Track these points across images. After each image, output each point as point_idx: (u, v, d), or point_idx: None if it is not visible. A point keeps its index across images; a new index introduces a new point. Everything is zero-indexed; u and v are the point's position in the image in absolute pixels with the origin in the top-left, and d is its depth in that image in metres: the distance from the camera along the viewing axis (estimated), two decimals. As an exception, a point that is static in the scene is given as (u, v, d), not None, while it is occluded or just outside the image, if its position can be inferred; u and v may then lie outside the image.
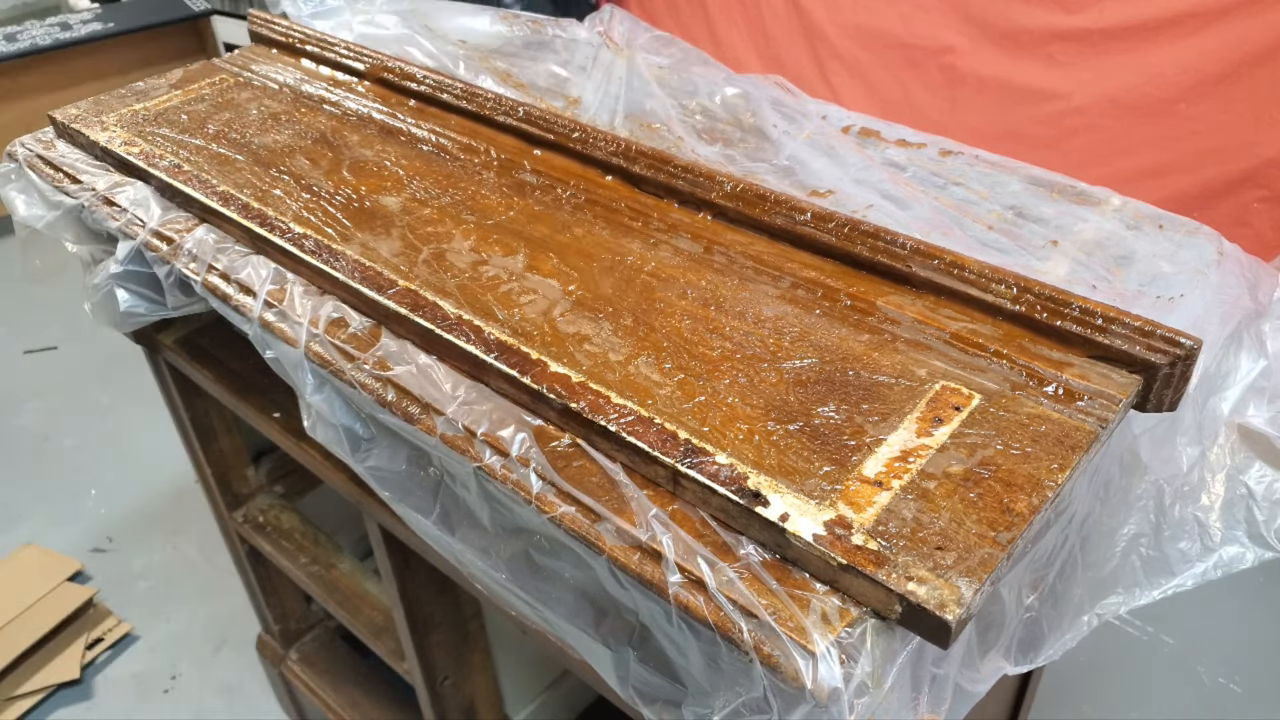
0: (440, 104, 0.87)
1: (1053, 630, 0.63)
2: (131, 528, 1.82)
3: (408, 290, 0.63)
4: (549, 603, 0.59)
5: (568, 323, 0.60)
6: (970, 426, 0.50)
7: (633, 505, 0.49)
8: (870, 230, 0.64)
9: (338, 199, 0.74)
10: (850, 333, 0.58)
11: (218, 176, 0.77)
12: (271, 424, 0.92)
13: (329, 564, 1.12)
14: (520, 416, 0.55)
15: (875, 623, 0.43)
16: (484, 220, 0.71)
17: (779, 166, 0.78)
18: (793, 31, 2.34)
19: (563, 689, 1.13)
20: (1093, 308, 0.55)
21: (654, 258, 0.66)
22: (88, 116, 0.87)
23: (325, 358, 0.62)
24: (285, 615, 1.31)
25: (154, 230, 0.74)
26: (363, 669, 1.30)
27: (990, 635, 0.57)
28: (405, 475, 0.64)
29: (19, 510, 1.86)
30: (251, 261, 0.70)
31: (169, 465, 1.91)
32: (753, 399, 0.53)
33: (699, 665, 0.49)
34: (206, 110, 0.88)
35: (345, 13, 1.02)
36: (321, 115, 0.87)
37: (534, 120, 0.80)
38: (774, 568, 0.45)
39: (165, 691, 1.55)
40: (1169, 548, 0.64)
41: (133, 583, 1.72)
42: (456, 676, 0.99)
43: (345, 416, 0.64)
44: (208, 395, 1.05)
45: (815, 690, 0.41)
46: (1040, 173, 0.75)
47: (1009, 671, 0.59)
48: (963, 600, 0.41)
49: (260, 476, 1.19)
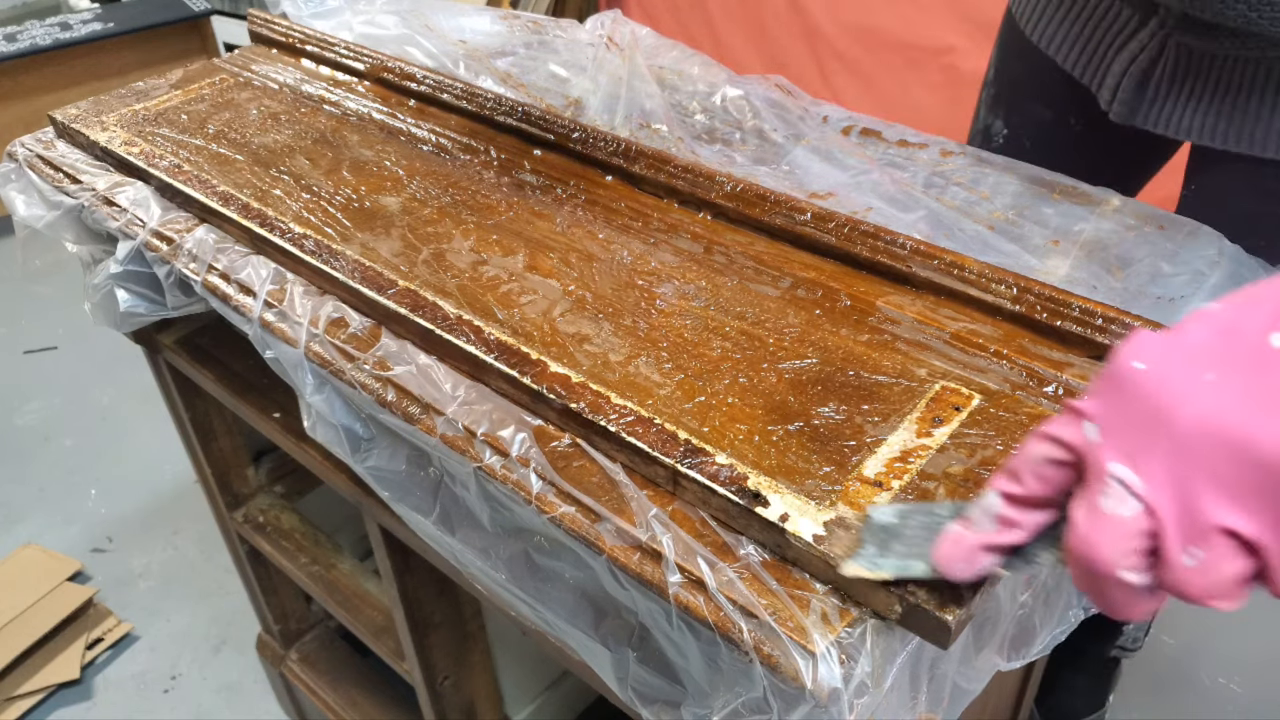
0: (440, 104, 0.87)
1: (1044, 625, 0.63)
2: (131, 528, 1.82)
3: (408, 290, 0.63)
4: (548, 603, 0.59)
5: (568, 323, 0.60)
6: (970, 427, 0.51)
7: (633, 505, 0.49)
8: (870, 230, 0.64)
9: (338, 199, 0.74)
10: (850, 333, 0.58)
11: (218, 176, 0.77)
12: (271, 424, 0.92)
13: (329, 564, 1.12)
14: (520, 416, 0.55)
15: (875, 623, 0.43)
16: (484, 220, 0.71)
17: (779, 167, 0.78)
18: (793, 32, 2.34)
19: (563, 689, 1.13)
20: (1093, 308, 0.55)
21: (654, 258, 0.66)
22: (88, 116, 0.87)
23: (325, 358, 0.62)
24: (285, 615, 1.31)
25: (154, 230, 0.74)
26: (363, 669, 1.30)
27: (985, 633, 0.57)
28: (405, 475, 0.64)
29: (19, 510, 1.86)
30: (251, 261, 0.70)
31: (169, 465, 1.91)
32: (753, 399, 0.53)
33: (699, 665, 0.49)
34: (206, 110, 0.88)
35: (345, 13, 1.02)
36: (321, 115, 0.87)
37: (534, 120, 0.80)
38: (774, 568, 0.45)
39: (165, 691, 1.55)
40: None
41: (133, 582, 1.72)
42: (456, 676, 0.99)
43: (345, 416, 0.64)
44: (208, 395, 1.05)
45: (815, 690, 0.41)
46: (1041, 173, 0.75)
47: (1002, 668, 0.59)
48: (963, 600, 0.41)
49: (260, 476, 1.19)
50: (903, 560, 0.41)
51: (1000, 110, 0.96)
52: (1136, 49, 0.76)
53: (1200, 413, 0.32)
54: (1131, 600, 0.34)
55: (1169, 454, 0.32)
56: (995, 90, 0.97)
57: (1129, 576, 0.33)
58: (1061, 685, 1.31)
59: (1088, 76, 0.82)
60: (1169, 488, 0.32)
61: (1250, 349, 0.32)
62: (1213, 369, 0.32)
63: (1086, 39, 0.81)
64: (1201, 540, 0.32)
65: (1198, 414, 0.32)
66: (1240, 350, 0.32)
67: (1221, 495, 0.32)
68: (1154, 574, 0.34)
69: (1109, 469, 0.34)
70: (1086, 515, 0.34)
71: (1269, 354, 0.31)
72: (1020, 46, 0.90)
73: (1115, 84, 0.79)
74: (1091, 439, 0.34)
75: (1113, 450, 0.34)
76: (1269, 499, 0.31)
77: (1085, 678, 1.33)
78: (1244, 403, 0.31)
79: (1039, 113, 0.92)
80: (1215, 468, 0.31)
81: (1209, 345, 0.33)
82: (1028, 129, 0.94)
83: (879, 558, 0.42)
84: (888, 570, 0.41)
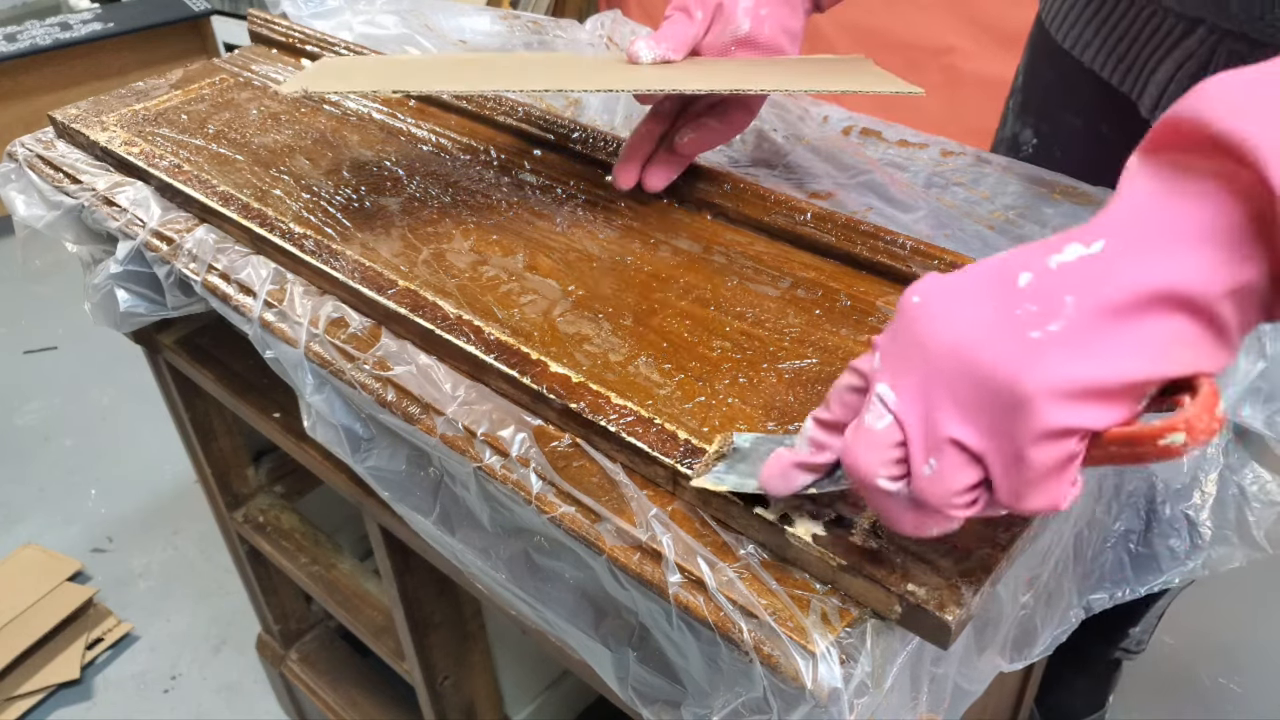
0: (440, 104, 0.87)
1: (1045, 626, 0.63)
2: (131, 528, 1.82)
3: (407, 290, 0.63)
4: (548, 603, 0.59)
5: (568, 323, 0.60)
6: (970, 427, 0.50)
7: (633, 505, 0.49)
8: (870, 230, 0.64)
9: (338, 199, 0.74)
10: (850, 333, 0.59)
11: (218, 176, 0.77)
12: (271, 424, 0.92)
13: (329, 564, 1.12)
14: (520, 416, 0.55)
15: (875, 623, 0.43)
16: (484, 220, 0.71)
17: (780, 167, 0.78)
18: (793, 31, 2.33)
19: (563, 689, 1.13)
20: (1092, 308, 0.55)
21: (654, 258, 0.66)
22: (88, 116, 0.87)
23: (325, 358, 0.62)
24: (285, 615, 1.31)
25: (154, 230, 0.74)
26: (363, 669, 1.30)
27: (987, 634, 0.57)
28: (405, 475, 0.64)
29: (19, 510, 1.86)
30: (251, 262, 0.70)
31: (169, 465, 1.91)
32: (753, 399, 0.53)
33: (699, 665, 0.49)
34: (206, 110, 0.88)
35: (345, 13, 1.03)
36: (321, 115, 0.87)
37: (534, 120, 0.80)
38: (774, 568, 0.45)
39: (165, 691, 1.55)
40: (1158, 545, 0.64)
41: (133, 582, 1.72)
42: (456, 676, 0.99)
43: (345, 417, 0.64)
44: (208, 395, 1.05)
45: (815, 690, 0.41)
46: (1041, 172, 0.75)
47: (1004, 669, 0.59)
48: (963, 601, 0.41)
49: (260, 476, 1.19)
50: (742, 478, 0.45)
51: (1029, 118, 0.92)
52: (1183, 56, 0.72)
53: (947, 339, 0.36)
54: (898, 510, 0.38)
55: (920, 375, 0.36)
56: (1024, 97, 0.93)
57: (886, 485, 0.37)
58: (1062, 685, 1.31)
59: (1128, 84, 0.78)
60: (916, 404, 0.36)
61: (1001, 286, 0.35)
62: (970, 303, 0.36)
63: (1127, 45, 0.77)
64: (936, 451, 0.36)
65: (945, 340, 0.36)
66: (995, 288, 0.36)
67: (954, 411, 0.35)
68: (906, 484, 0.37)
69: (875, 389, 0.38)
70: (853, 430, 0.39)
71: (1014, 291, 0.35)
72: (1051, 52, 0.87)
73: (1159, 92, 0.75)
74: (875, 366, 0.38)
75: (883, 373, 0.38)
76: (989, 414, 0.35)
77: (1086, 678, 1.33)
78: (981, 331, 0.35)
79: (1070, 121, 0.89)
80: (952, 387, 0.35)
81: (973, 283, 0.36)
82: (1059, 137, 0.90)
83: (724, 475, 0.46)
84: (728, 485, 0.46)
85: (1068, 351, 0.33)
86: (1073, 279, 0.34)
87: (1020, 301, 0.35)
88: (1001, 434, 0.35)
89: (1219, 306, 0.33)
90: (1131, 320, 0.33)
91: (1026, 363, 0.34)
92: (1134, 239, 0.34)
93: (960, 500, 0.37)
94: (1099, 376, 0.33)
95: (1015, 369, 0.34)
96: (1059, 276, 0.34)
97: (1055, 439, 0.34)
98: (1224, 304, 0.33)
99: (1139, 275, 0.33)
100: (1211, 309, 0.33)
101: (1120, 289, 0.33)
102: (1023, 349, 0.34)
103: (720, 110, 0.70)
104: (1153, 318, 0.33)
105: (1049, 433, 0.34)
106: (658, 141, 0.71)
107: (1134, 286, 0.33)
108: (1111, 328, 0.33)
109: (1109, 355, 0.33)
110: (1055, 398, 0.33)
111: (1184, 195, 0.34)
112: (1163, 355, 0.33)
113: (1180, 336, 0.33)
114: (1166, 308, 0.33)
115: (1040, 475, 0.35)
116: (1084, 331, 0.33)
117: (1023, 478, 0.35)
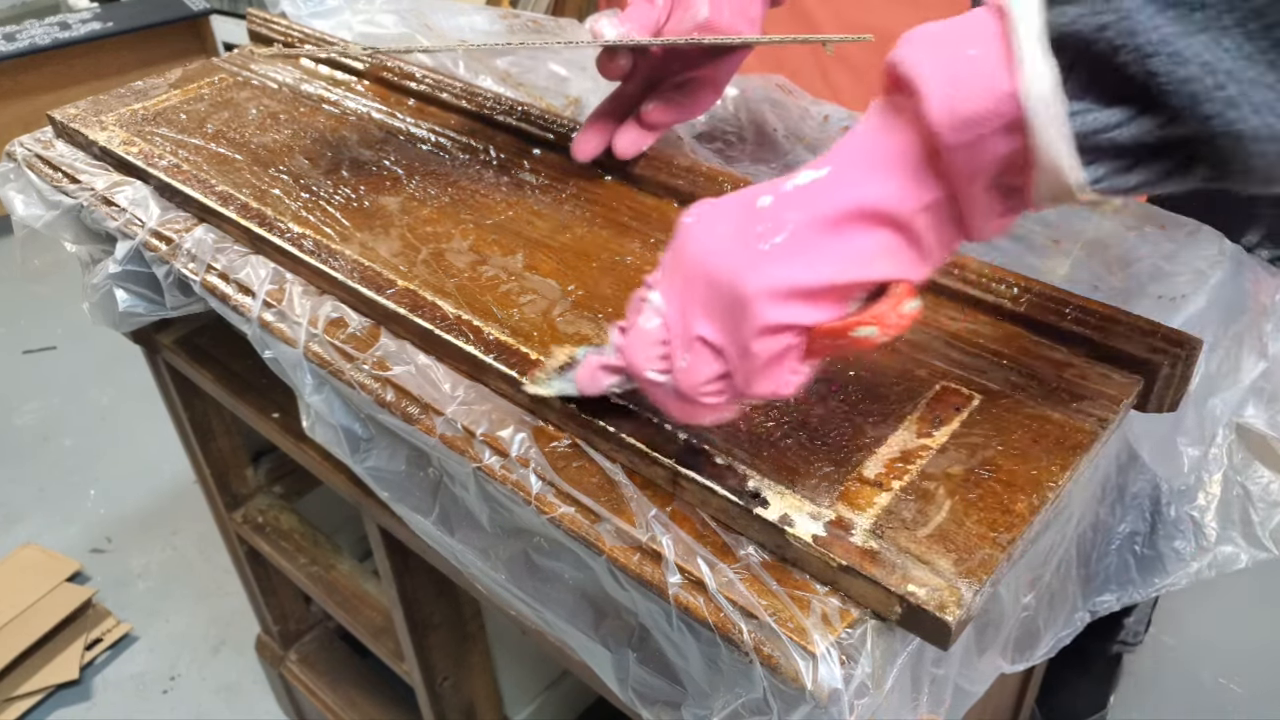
0: (439, 103, 0.86)
1: (1048, 628, 0.63)
2: (131, 528, 1.82)
3: (407, 290, 0.62)
4: (548, 603, 0.59)
5: (567, 323, 0.60)
6: (970, 427, 0.50)
7: (632, 505, 0.49)
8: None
9: (337, 199, 0.74)
10: (850, 333, 0.58)
11: (217, 176, 0.77)
12: (271, 424, 0.92)
13: (328, 564, 1.12)
14: (520, 417, 0.55)
15: (875, 624, 0.43)
16: (483, 220, 0.71)
17: (780, 167, 0.78)
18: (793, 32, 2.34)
19: (563, 689, 1.13)
20: (1093, 308, 0.55)
21: (654, 258, 0.66)
22: (87, 116, 0.87)
23: (324, 358, 0.62)
24: (284, 616, 1.31)
25: (153, 230, 0.74)
26: (362, 669, 1.30)
27: (988, 635, 0.57)
28: (404, 476, 0.64)
29: (18, 510, 1.86)
30: (250, 261, 0.69)
31: (169, 465, 1.91)
32: (753, 399, 0.53)
33: (699, 666, 0.49)
34: (205, 110, 0.88)
35: (345, 12, 1.02)
36: (320, 114, 0.87)
37: (533, 120, 0.80)
38: (774, 569, 0.45)
39: (164, 692, 1.55)
40: (1163, 546, 0.64)
41: (132, 583, 1.72)
42: (456, 677, 0.99)
43: (344, 417, 0.64)
44: (207, 395, 1.04)
45: (815, 691, 0.41)
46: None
47: (1006, 670, 0.59)
48: (963, 601, 0.41)
49: (259, 477, 1.19)
50: (565, 383, 0.50)
51: None
52: None
53: (698, 251, 0.42)
54: (667, 399, 0.45)
55: (680, 283, 0.43)
56: None
57: (654, 376, 0.44)
58: (1063, 685, 1.31)
59: None
60: (675, 305, 0.43)
61: (746, 209, 0.41)
62: (721, 223, 0.42)
63: None
64: (689, 347, 0.42)
65: (697, 252, 0.42)
66: (742, 210, 0.41)
67: (701, 312, 0.42)
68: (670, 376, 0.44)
69: (649, 295, 0.44)
70: (628, 329, 0.45)
71: (753, 212, 0.41)
72: None
73: None
74: (656, 277, 0.45)
75: (659, 282, 0.44)
76: (724, 315, 0.41)
77: (1087, 678, 1.33)
78: (723, 244, 0.41)
79: None
80: (700, 292, 0.42)
81: (728, 206, 0.42)
82: None
83: (551, 382, 0.51)
84: (553, 390, 0.51)
85: (783, 260, 0.39)
86: (798, 200, 0.40)
87: (758, 220, 0.40)
88: (733, 330, 0.41)
89: (914, 222, 0.39)
90: (839, 233, 0.39)
91: (749, 269, 0.40)
92: (849, 165, 0.40)
93: (708, 389, 0.43)
94: (806, 280, 0.39)
95: (741, 275, 0.40)
96: (789, 198, 0.40)
97: (773, 333, 0.40)
98: (918, 219, 0.39)
99: (848, 195, 0.39)
100: (908, 224, 0.39)
101: (833, 206, 0.39)
102: (749, 258, 0.40)
103: (687, 87, 0.72)
104: (857, 231, 0.39)
105: (766, 328, 0.40)
106: (622, 117, 0.73)
107: (843, 204, 0.39)
108: (822, 239, 0.39)
109: (816, 262, 0.39)
110: (770, 298, 0.39)
111: (889, 129, 0.39)
112: (863, 263, 0.39)
113: (882, 247, 0.39)
114: (870, 223, 0.39)
115: (764, 364, 0.41)
116: (799, 243, 0.39)
117: (750, 367, 0.41)
